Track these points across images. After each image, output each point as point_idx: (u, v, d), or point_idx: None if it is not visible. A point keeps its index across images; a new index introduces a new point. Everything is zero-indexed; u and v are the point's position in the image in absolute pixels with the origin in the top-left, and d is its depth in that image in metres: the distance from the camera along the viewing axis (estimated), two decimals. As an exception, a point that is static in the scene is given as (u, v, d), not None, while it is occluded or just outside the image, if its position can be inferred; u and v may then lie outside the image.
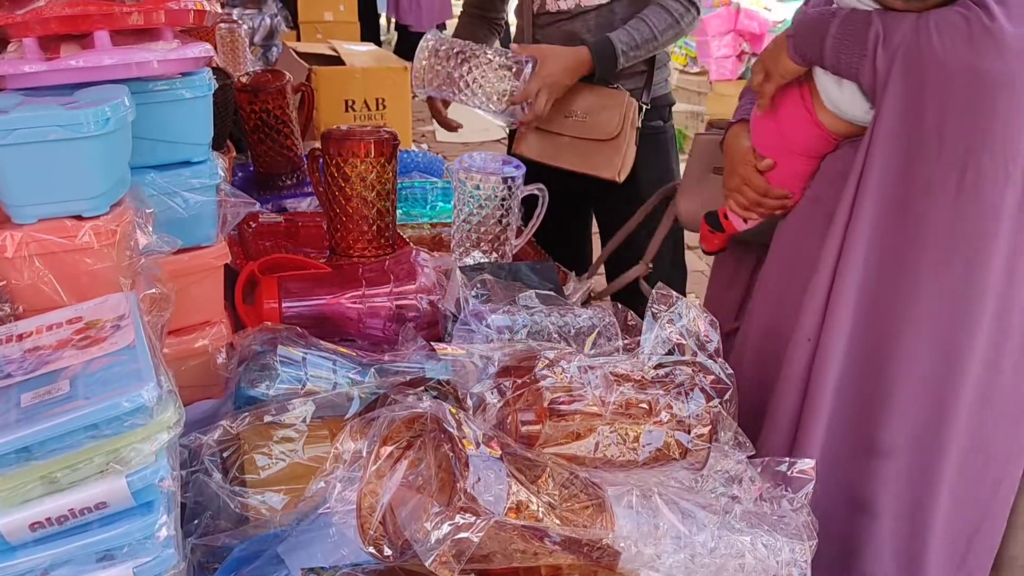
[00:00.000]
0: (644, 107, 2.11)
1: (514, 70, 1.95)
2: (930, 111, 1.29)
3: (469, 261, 1.62)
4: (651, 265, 2.06)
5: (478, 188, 1.60)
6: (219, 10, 1.20)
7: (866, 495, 1.46)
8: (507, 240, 1.67)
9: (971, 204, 1.31)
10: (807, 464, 1.03)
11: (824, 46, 1.36)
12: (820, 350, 1.42)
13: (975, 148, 1.28)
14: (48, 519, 0.70)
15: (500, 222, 1.63)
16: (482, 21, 2.37)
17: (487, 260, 1.63)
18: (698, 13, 2.05)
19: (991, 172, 1.28)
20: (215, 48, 2.87)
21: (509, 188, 1.61)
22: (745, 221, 1.64)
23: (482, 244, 1.64)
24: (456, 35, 2.35)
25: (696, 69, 6.17)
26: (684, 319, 1.03)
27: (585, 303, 1.52)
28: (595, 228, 2.52)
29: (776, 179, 1.55)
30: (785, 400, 1.47)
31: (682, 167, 2.37)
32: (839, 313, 1.40)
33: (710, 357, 1.01)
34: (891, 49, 1.29)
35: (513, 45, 2.08)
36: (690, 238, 2.39)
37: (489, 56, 1.96)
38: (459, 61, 1.95)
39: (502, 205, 1.62)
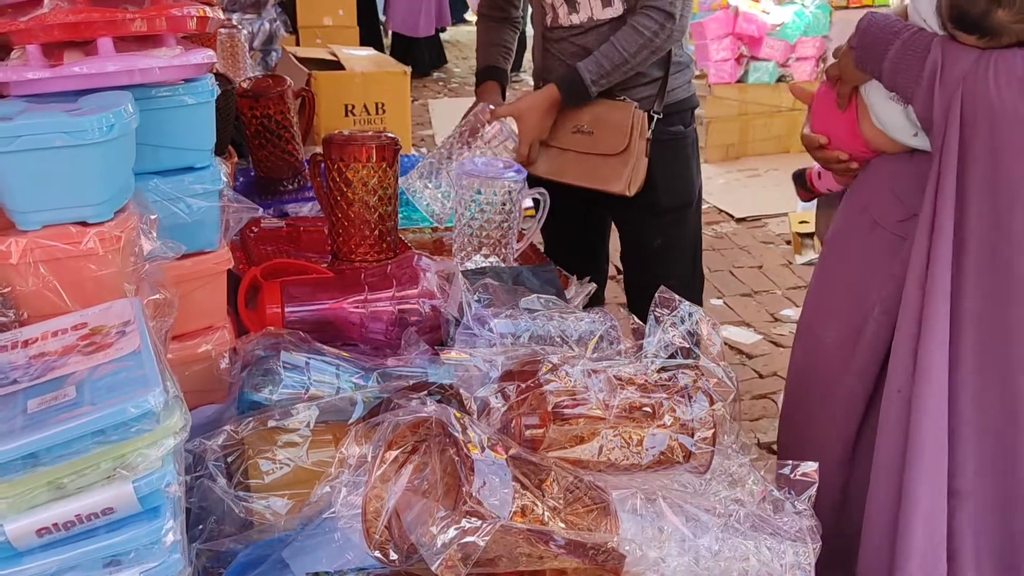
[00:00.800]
0: (656, 116, 2.09)
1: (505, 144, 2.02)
2: (985, 151, 1.29)
3: (471, 265, 1.62)
4: None
5: (479, 193, 1.60)
6: (221, 16, 1.20)
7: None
8: (509, 244, 1.67)
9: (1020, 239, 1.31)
10: (810, 467, 1.03)
11: (883, 65, 1.35)
12: (915, 403, 1.40)
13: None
14: (55, 525, 0.70)
15: (501, 227, 1.64)
16: (500, 22, 2.36)
17: (488, 264, 1.63)
18: (675, 23, 2.00)
19: None
20: (216, 54, 2.88)
21: (510, 193, 1.62)
22: (829, 190, 1.70)
23: (483, 248, 1.64)
24: (478, 39, 2.37)
25: (695, 72, 6.18)
26: (687, 322, 1.04)
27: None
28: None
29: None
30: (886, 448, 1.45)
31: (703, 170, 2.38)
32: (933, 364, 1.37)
33: (713, 360, 1.01)
34: (950, 85, 1.28)
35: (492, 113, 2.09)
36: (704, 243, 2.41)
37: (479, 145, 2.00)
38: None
39: (503, 209, 1.62)
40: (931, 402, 1.38)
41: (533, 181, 2.03)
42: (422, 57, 8.51)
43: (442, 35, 9.45)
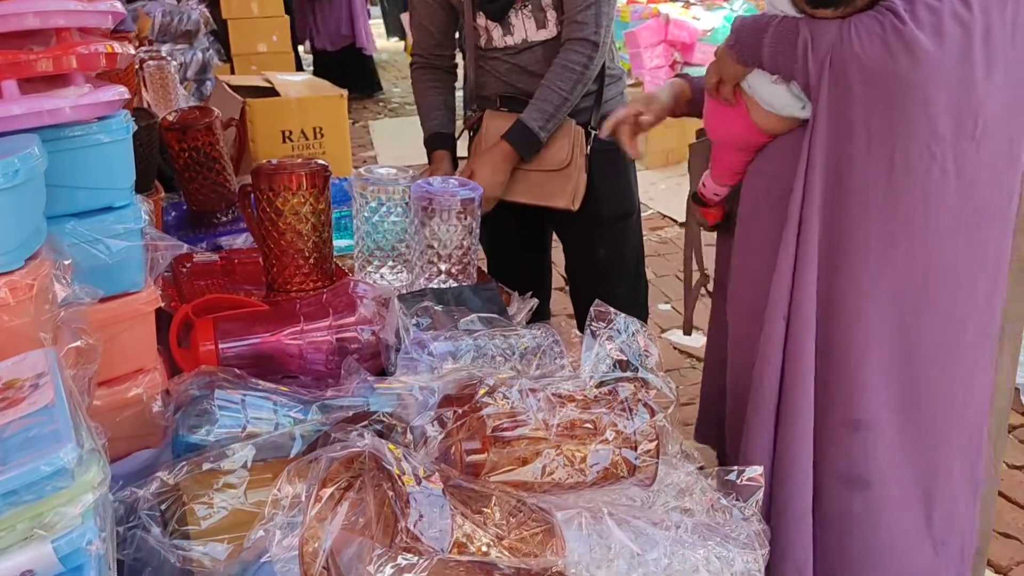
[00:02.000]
0: (592, 132, 2.11)
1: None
2: (857, 108, 1.41)
3: (434, 285, 1.60)
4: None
5: (436, 213, 1.58)
6: (132, 52, 1.17)
7: (858, 470, 1.56)
8: (471, 262, 1.65)
9: (903, 187, 1.43)
10: (755, 471, 1.03)
11: (762, 53, 1.49)
12: (792, 327, 1.54)
13: (899, 137, 1.41)
14: (-28, 591, 0.67)
15: (462, 245, 1.62)
16: (438, 71, 2.31)
17: (451, 283, 1.61)
18: (601, 50, 2.04)
19: (916, 156, 1.41)
20: (144, 86, 2.83)
21: (466, 209, 1.60)
22: (716, 194, 1.80)
23: (444, 265, 1.62)
24: (417, 101, 2.33)
25: (631, 81, 6.23)
26: (623, 334, 1.03)
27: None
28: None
29: (716, 171, 1.75)
30: (767, 379, 1.57)
31: (641, 180, 2.40)
32: (805, 296, 1.52)
33: (651, 371, 1.01)
34: (820, 55, 1.42)
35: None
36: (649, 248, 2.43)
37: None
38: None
39: (462, 226, 1.60)
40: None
41: None
42: (349, 76, 8.38)
43: (377, 56, 9.36)
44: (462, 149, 2.30)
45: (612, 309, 1.03)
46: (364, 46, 8.52)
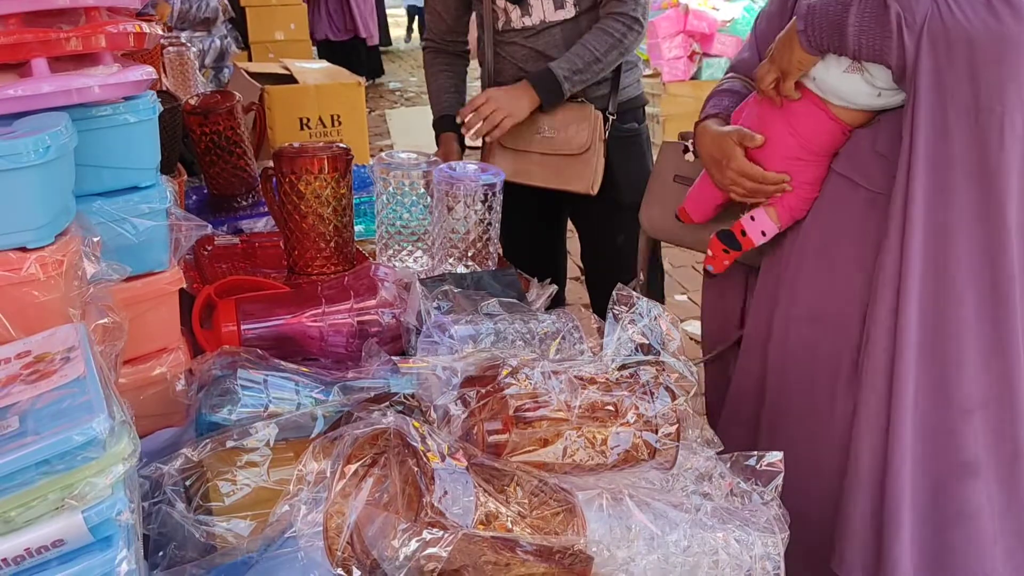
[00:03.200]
0: (610, 116, 2.11)
1: None
2: (963, 81, 1.32)
3: (461, 269, 1.61)
4: (641, 277, 2.07)
5: (458, 198, 1.59)
6: (160, 32, 1.18)
7: (966, 455, 1.48)
8: (491, 248, 1.66)
9: (1009, 163, 1.35)
10: (775, 457, 1.04)
11: (845, 35, 1.37)
12: (900, 326, 1.44)
13: (1009, 108, 1.32)
14: (4, 560, 0.68)
15: (483, 230, 1.62)
16: (449, 56, 2.33)
17: (471, 269, 1.61)
18: (642, 28, 2.05)
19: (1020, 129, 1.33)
20: (164, 72, 2.85)
21: (488, 195, 1.60)
22: (764, 234, 1.63)
23: (469, 251, 1.63)
24: (429, 83, 2.35)
25: (648, 71, 6.21)
26: (645, 319, 1.03)
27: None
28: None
29: (791, 202, 1.59)
30: (874, 372, 1.48)
31: None
32: (910, 294, 1.43)
33: (673, 355, 1.01)
34: (916, 28, 1.31)
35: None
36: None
37: None
38: None
39: (484, 211, 1.61)
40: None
41: None
42: (357, 66, 8.39)
43: (394, 46, 9.36)
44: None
45: (634, 293, 1.03)
46: (366, 36, 8.52)
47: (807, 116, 1.51)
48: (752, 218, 1.62)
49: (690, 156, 1.80)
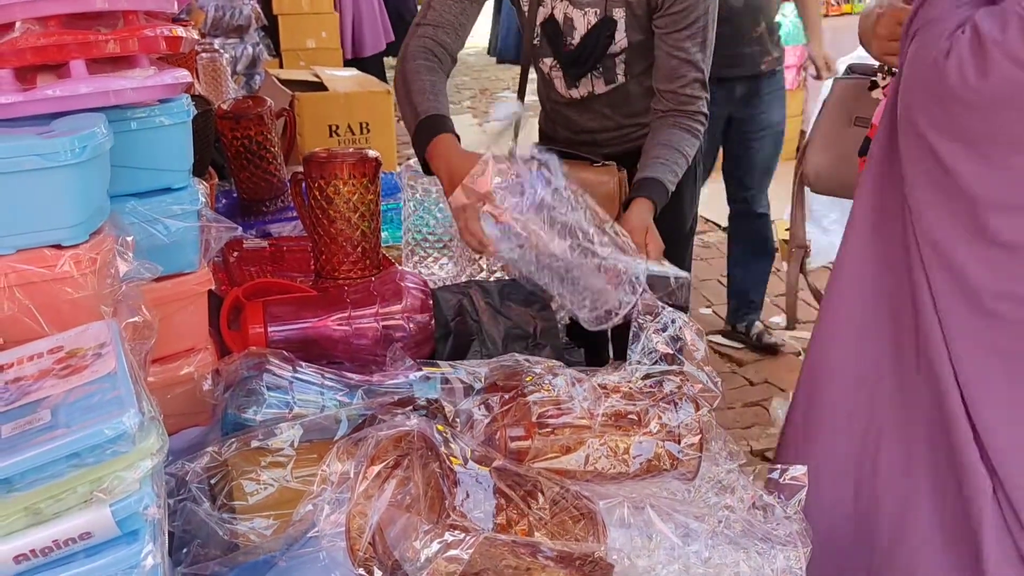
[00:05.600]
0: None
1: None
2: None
3: (479, 277, 1.62)
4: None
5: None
6: (196, 36, 1.20)
7: None
8: None
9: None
10: (799, 471, 1.03)
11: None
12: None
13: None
14: (32, 551, 0.69)
15: None
16: (437, 60, 1.88)
17: (494, 277, 1.62)
18: (704, 129, 1.91)
19: None
20: (197, 78, 2.88)
21: None
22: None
23: (492, 260, 1.63)
24: (413, 83, 1.82)
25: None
26: (671, 329, 1.03)
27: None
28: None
29: None
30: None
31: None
32: None
33: (697, 366, 1.01)
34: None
35: None
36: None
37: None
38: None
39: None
40: None
41: None
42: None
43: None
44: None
45: (659, 303, 1.04)
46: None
47: None
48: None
49: (878, 93, 1.61)
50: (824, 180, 1.75)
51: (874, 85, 1.62)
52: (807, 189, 1.89)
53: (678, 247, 2.16)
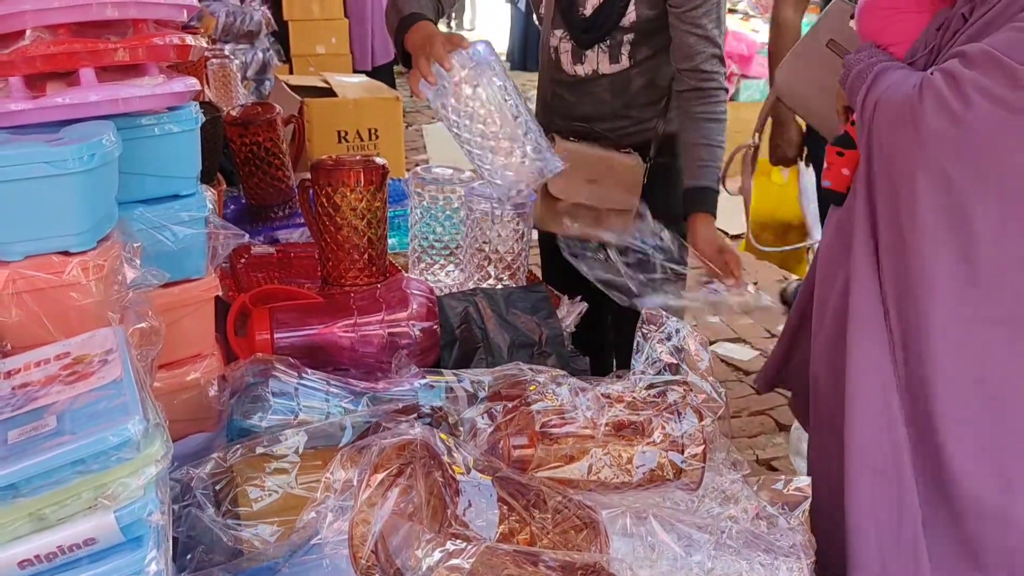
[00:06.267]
0: (649, 163, 2.08)
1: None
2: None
3: (485, 285, 1.62)
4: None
5: (488, 215, 1.60)
6: (204, 44, 1.20)
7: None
8: (521, 265, 1.66)
9: None
10: (803, 482, 1.03)
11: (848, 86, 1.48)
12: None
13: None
14: (37, 556, 0.70)
15: (513, 248, 1.62)
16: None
17: (501, 285, 1.62)
18: (727, 92, 2.01)
19: None
20: (207, 83, 2.90)
21: (518, 214, 1.61)
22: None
23: (499, 269, 1.64)
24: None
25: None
26: (674, 339, 1.03)
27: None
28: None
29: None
30: None
31: None
32: None
33: (701, 376, 1.01)
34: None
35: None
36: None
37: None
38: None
39: (517, 231, 1.62)
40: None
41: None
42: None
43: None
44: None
45: (663, 312, 1.04)
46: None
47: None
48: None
49: (855, 23, 1.72)
50: (788, 95, 1.91)
51: (854, 15, 1.72)
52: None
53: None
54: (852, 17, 1.72)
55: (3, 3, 0.98)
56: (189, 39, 1.10)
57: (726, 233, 4.94)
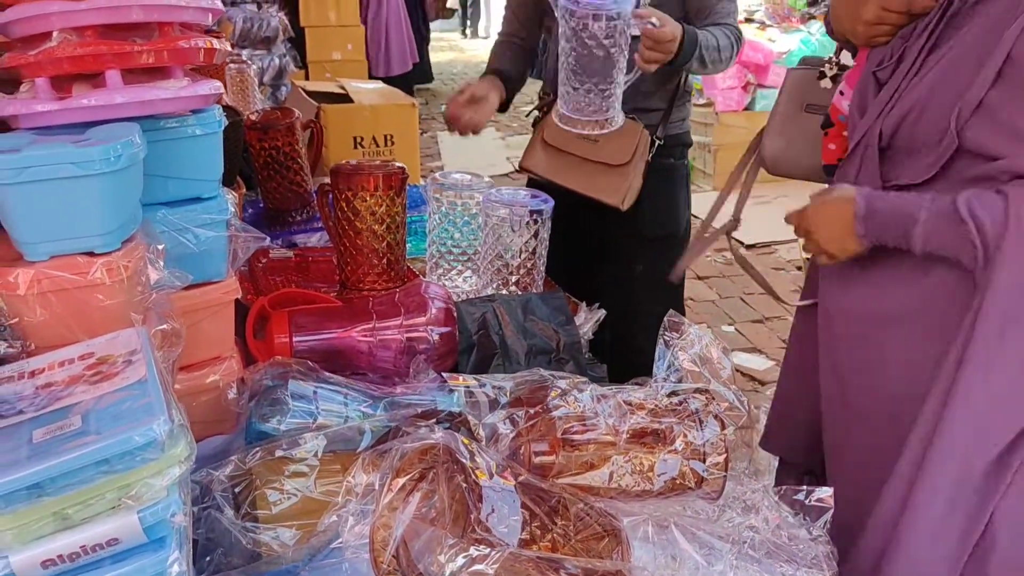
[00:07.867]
0: (657, 141, 2.11)
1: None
2: None
3: (503, 291, 1.62)
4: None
5: (505, 222, 1.60)
6: (229, 49, 1.21)
7: None
8: (538, 271, 1.66)
9: None
10: (825, 492, 1.02)
11: (911, 239, 1.31)
12: None
13: None
14: (60, 556, 0.70)
15: (531, 254, 1.63)
16: (516, 48, 2.35)
17: (519, 291, 1.62)
18: (740, 42, 2.09)
19: None
20: (225, 88, 2.91)
21: (536, 221, 1.61)
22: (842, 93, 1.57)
23: (516, 275, 1.64)
24: (488, 60, 2.36)
25: (702, 101, 6.20)
26: (697, 347, 1.03)
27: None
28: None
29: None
30: None
31: (692, 205, 2.37)
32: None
33: (723, 384, 1.00)
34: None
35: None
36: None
37: None
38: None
39: (534, 238, 1.62)
40: None
41: (530, 181, 2.15)
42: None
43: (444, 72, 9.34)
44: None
45: (685, 319, 1.03)
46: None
47: None
48: (840, 92, 1.57)
49: (826, 83, 1.70)
50: (781, 163, 1.85)
51: (822, 75, 1.71)
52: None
53: (672, 250, 2.20)
54: (820, 77, 1.72)
55: (30, 5, 0.99)
56: (215, 43, 1.10)
57: (741, 243, 4.93)
